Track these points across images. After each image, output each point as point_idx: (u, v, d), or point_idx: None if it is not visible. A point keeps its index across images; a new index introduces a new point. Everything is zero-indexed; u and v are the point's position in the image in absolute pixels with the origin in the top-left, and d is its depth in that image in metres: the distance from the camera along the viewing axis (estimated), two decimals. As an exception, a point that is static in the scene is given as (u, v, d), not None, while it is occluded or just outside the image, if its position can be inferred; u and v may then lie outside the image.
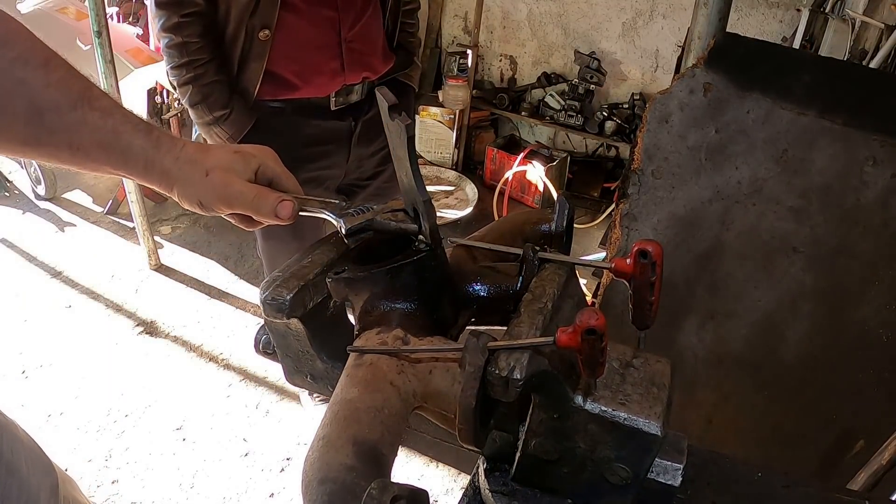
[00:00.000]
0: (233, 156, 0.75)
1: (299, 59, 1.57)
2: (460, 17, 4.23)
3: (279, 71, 1.57)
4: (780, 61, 1.24)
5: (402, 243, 0.65)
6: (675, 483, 0.56)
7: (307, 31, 1.55)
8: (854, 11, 2.37)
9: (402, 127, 0.57)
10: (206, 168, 0.74)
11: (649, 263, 0.55)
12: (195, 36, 1.48)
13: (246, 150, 0.77)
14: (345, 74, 1.64)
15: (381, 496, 0.42)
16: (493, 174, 3.93)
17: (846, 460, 1.13)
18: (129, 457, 2.25)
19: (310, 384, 0.70)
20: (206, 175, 0.74)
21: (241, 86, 1.57)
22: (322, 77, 1.61)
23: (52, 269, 3.12)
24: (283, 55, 1.55)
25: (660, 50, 3.69)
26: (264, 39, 1.50)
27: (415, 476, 2.22)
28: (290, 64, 1.57)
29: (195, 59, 1.50)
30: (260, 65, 1.53)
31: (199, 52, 1.49)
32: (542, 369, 0.51)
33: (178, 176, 0.75)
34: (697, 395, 1.26)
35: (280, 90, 1.59)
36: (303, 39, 1.56)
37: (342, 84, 1.64)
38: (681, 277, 1.26)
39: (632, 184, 1.29)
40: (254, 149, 0.78)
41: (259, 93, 1.57)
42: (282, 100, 1.61)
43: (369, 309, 0.64)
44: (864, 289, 1.17)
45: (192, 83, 1.51)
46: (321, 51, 1.58)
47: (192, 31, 1.47)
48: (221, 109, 1.54)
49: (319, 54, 1.59)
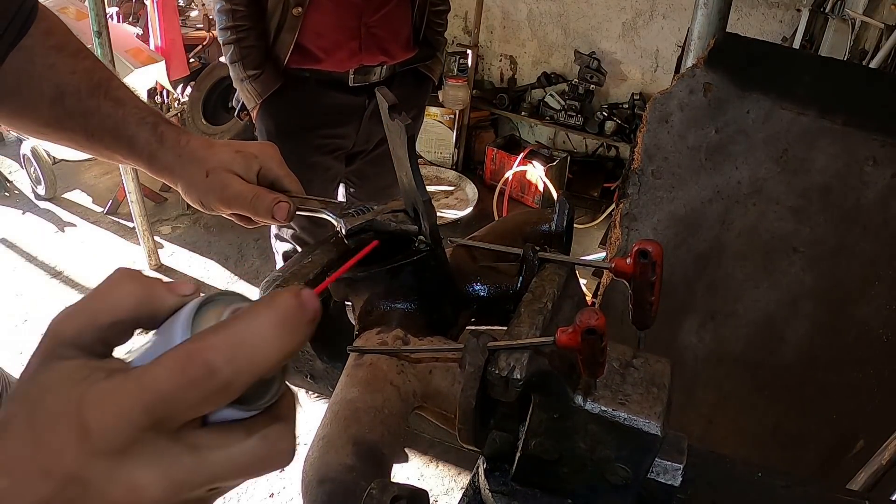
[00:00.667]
0: (234, 155, 0.76)
1: (324, 36, 1.81)
2: (460, 17, 4.23)
3: (306, 44, 1.80)
4: (780, 61, 1.24)
5: (402, 243, 0.65)
6: (675, 483, 0.56)
7: (333, 12, 1.79)
8: (854, 11, 2.37)
9: (401, 127, 0.57)
10: (207, 168, 0.75)
11: (649, 263, 0.55)
12: (242, 5, 1.74)
13: (248, 150, 0.78)
14: (362, 55, 1.85)
15: (381, 496, 0.42)
16: (493, 174, 3.93)
17: (846, 460, 1.13)
18: (129, 457, 2.25)
19: (310, 384, 0.70)
20: (207, 175, 0.75)
21: (274, 53, 1.82)
22: (341, 53, 1.83)
23: (52, 269, 3.12)
24: (312, 30, 1.79)
25: (660, 50, 3.69)
26: (297, 15, 1.75)
27: (415, 476, 2.22)
28: (316, 39, 1.80)
29: (240, 24, 1.76)
30: (291, 36, 1.77)
31: (243, 18, 1.75)
32: (542, 369, 0.51)
33: (180, 173, 0.77)
34: (697, 395, 1.26)
35: (306, 60, 1.83)
36: (329, 18, 1.79)
37: (359, 63, 1.86)
38: (681, 277, 1.26)
39: (632, 184, 1.29)
40: (256, 149, 0.78)
41: (289, 61, 1.81)
42: (307, 69, 1.84)
43: (369, 309, 0.64)
44: (864, 289, 1.17)
45: (235, 44, 1.78)
46: (343, 31, 1.81)
47: (240, 0, 1.73)
48: (254, 70, 1.79)
49: (341, 33, 1.82)
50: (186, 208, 3.59)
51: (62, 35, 0.80)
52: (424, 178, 0.85)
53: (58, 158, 3.52)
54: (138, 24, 3.65)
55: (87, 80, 0.78)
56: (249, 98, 1.85)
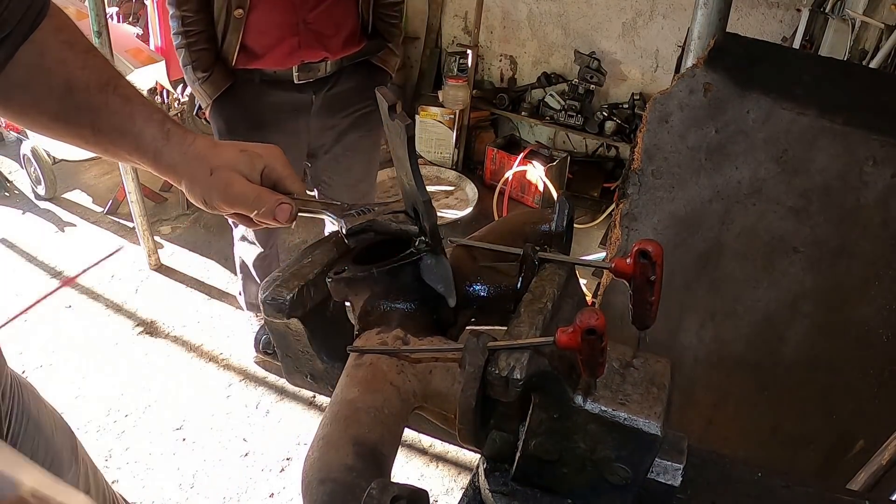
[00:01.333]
0: (239, 155, 0.76)
1: (265, 34, 1.87)
2: (460, 17, 4.23)
3: (250, 44, 1.88)
4: (780, 61, 1.24)
5: (403, 243, 0.65)
6: (675, 483, 0.56)
7: (272, 11, 1.85)
8: (854, 11, 2.37)
9: (401, 127, 0.57)
10: (212, 166, 0.75)
11: (649, 263, 0.55)
12: (191, 11, 1.82)
13: (253, 150, 0.78)
14: (301, 51, 1.90)
15: (381, 496, 0.42)
16: (493, 174, 3.93)
17: (846, 460, 1.13)
18: (129, 457, 2.25)
19: (310, 384, 0.70)
20: (211, 174, 0.75)
21: (223, 55, 1.90)
22: (281, 51, 1.89)
23: (52, 269, 3.12)
24: (254, 30, 1.86)
25: (660, 50, 3.69)
26: (239, 17, 1.82)
27: (415, 476, 2.22)
28: (258, 38, 1.87)
29: (189, 29, 1.84)
30: (236, 38, 1.86)
31: (193, 24, 1.84)
32: (542, 369, 0.51)
33: (184, 171, 0.77)
34: (697, 395, 1.26)
35: (251, 60, 1.91)
36: (268, 18, 1.85)
37: (301, 60, 1.91)
38: (681, 277, 1.26)
39: (632, 184, 1.29)
40: (261, 149, 0.79)
41: (236, 62, 1.90)
42: (253, 69, 1.92)
43: (369, 309, 0.64)
44: (865, 289, 1.17)
45: (186, 48, 1.86)
46: (282, 28, 1.87)
47: (189, 7, 1.82)
48: (204, 72, 1.88)
49: (281, 31, 1.87)
50: (186, 208, 3.59)
51: (73, 32, 0.81)
52: (424, 178, 0.85)
53: (58, 158, 3.51)
54: (138, 24, 3.65)
55: (97, 77, 0.79)
56: (202, 98, 1.97)
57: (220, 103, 1.95)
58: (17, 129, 3.76)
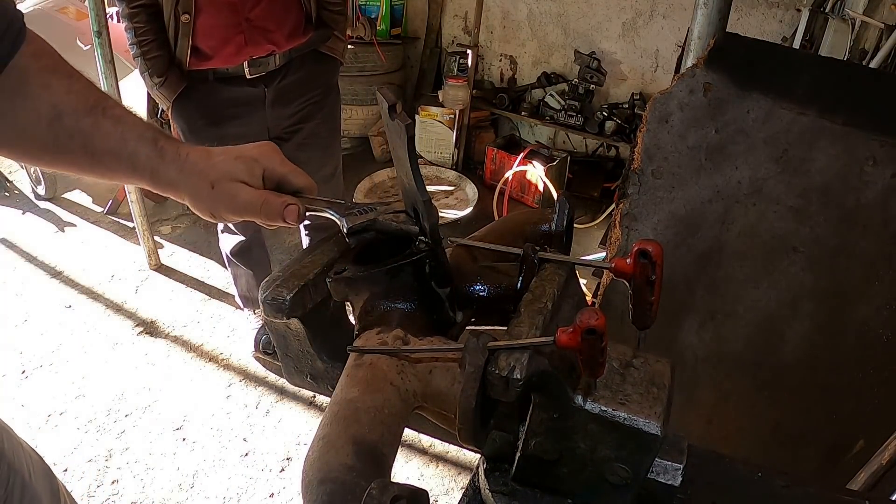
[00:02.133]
0: (234, 163, 0.75)
1: (212, 35, 1.96)
2: (460, 17, 4.23)
3: (200, 45, 1.96)
4: (780, 61, 1.24)
5: (403, 243, 0.65)
6: (675, 483, 0.56)
7: (216, 14, 1.93)
8: (854, 11, 2.37)
9: (401, 127, 0.57)
10: (212, 180, 0.75)
11: (649, 263, 0.55)
12: (141, 22, 1.91)
13: (247, 154, 0.77)
14: (248, 48, 1.99)
15: (381, 496, 0.42)
16: (493, 174, 3.93)
17: (846, 460, 1.13)
18: (129, 457, 2.25)
19: (310, 384, 0.71)
20: (213, 187, 0.75)
21: (176, 59, 1.98)
22: (229, 49, 1.98)
23: (52, 269, 3.12)
24: (202, 33, 1.94)
25: (660, 50, 3.69)
26: (186, 22, 1.91)
27: (415, 476, 2.22)
28: (206, 39, 1.96)
29: (142, 39, 1.93)
30: (187, 41, 1.94)
31: (144, 34, 1.92)
32: (542, 369, 0.51)
33: (185, 188, 0.77)
34: (697, 395, 1.26)
35: (202, 61, 1.99)
36: (213, 20, 1.94)
37: (249, 56, 2.00)
38: (681, 277, 1.26)
39: (632, 184, 1.29)
40: (255, 151, 0.78)
41: (189, 63, 1.98)
42: (205, 69, 2.01)
43: (369, 309, 0.64)
44: (864, 289, 1.17)
45: (141, 57, 1.95)
46: (227, 29, 1.95)
47: (140, 18, 1.91)
48: (159, 77, 1.97)
49: (226, 31, 1.96)
50: (186, 208, 3.59)
51: (53, 57, 0.79)
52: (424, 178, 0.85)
53: (58, 158, 3.51)
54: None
55: (84, 100, 0.77)
56: (161, 101, 2.07)
57: (179, 104, 2.04)
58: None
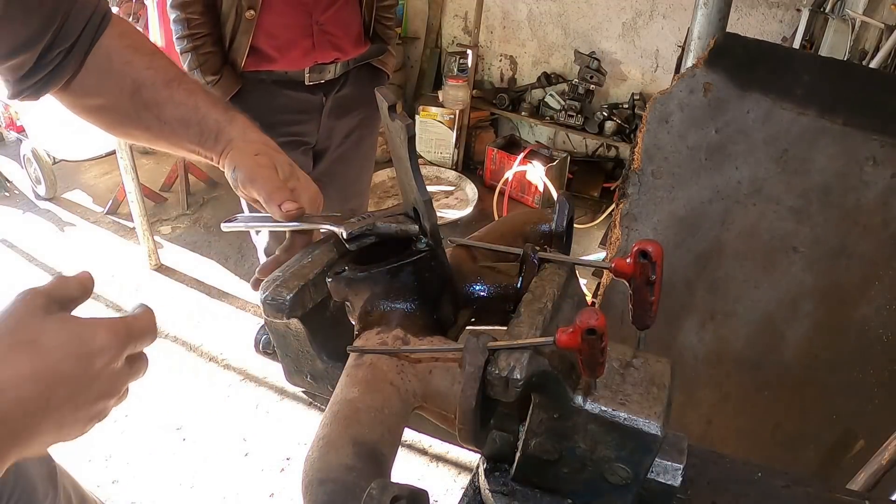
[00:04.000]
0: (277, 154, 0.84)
1: (278, 36, 1.85)
2: (460, 17, 4.23)
3: (261, 46, 1.84)
4: (780, 61, 1.24)
5: (403, 244, 0.65)
6: (675, 483, 0.56)
7: (285, 13, 1.83)
8: (854, 11, 2.37)
9: (401, 127, 0.57)
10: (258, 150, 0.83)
11: (649, 263, 0.55)
12: (196, 14, 1.77)
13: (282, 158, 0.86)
14: (315, 53, 1.90)
15: (381, 496, 0.42)
16: (493, 174, 3.93)
17: (846, 460, 1.13)
18: (129, 457, 2.25)
19: (310, 384, 0.70)
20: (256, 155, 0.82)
21: (231, 57, 1.86)
22: (295, 52, 1.88)
23: (52, 269, 3.11)
24: (265, 32, 1.83)
25: (660, 50, 3.69)
26: (250, 19, 1.79)
27: (415, 476, 2.22)
28: (270, 40, 1.84)
29: (195, 32, 1.79)
30: (246, 39, 1.82)
31: (198, 27, 1.79)
32: (542, 369, 0.51)
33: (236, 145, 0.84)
34: (697, 395, 1.26)
35: (262, 62, 1.87)
36: (281, 19, 1.83)
37: (314, 61, 1.91)
38: (681, 277, 1.26)
39: (632, 184, 1.29)
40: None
41: (245, 64, 1.86)
42: (263, 71, 1.89)
43: (369, 309, 0.64)
44: (864, 289, 1.17)
45: (192, 52, 1.81)
46: (295, 30, 1.85)
47: (195, 9, 1.77)
48: (212, 75, 1.83)
49: (294, 33, 1.86)
50: (186, 208, 3.59)
51: (137, 37, 0.90)
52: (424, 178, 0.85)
53: (58, 159, 3.52)
54: (138, 23, 3.65)
55: (163, 75, 0.86)
56: None
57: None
58: (18, 129, 3.76)
